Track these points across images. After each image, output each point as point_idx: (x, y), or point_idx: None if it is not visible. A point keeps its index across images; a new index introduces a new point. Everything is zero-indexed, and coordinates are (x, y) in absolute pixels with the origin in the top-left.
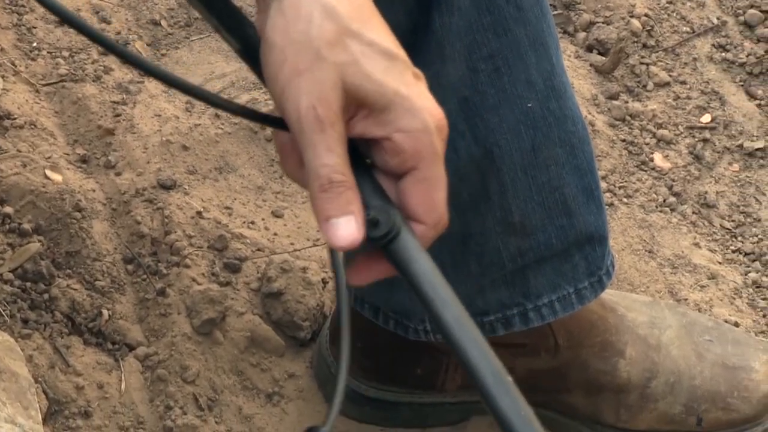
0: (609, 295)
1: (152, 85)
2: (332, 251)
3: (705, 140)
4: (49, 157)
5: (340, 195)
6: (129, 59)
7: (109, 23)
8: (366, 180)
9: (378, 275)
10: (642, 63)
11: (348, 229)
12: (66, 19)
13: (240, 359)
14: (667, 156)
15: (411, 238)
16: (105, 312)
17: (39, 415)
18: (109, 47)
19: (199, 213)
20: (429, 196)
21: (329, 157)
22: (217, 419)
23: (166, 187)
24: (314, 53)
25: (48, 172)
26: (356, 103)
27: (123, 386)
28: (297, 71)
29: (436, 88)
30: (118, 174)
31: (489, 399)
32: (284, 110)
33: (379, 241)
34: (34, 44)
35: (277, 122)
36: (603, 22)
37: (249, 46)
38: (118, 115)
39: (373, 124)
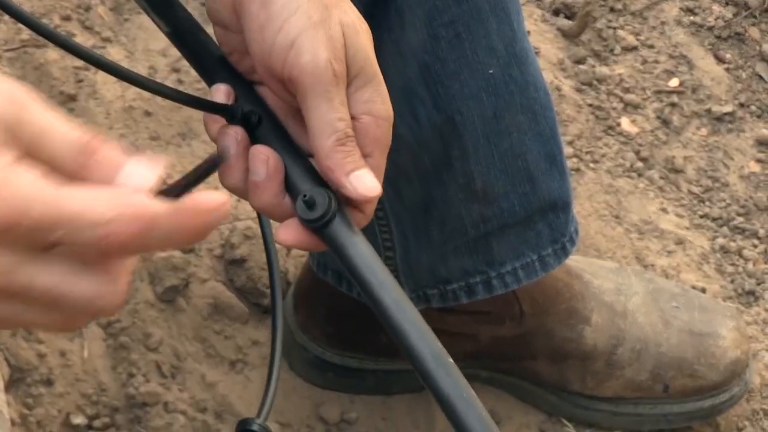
0: (575, 261)
1: (115, 50)
2: (260, 215)
3: (673, 105)
4: None
5: (355, 148)
6: (71, 49)
7: None
8: (299, 162)
9: (307, 245)
10: (609, 27)
11: (373, 180)
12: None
13: (203, 326)
14: (634, 121)
15: (347, 222)
16: None
17: (1, 382)
18: (48, 36)
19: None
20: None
21: (345, 112)
22: (181, 387)
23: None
24: (324, 6)
25: None
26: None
27: (86, 354)
28: (312, 23)
29: (396, 55)
30: None
31: (430, 382)
32: (294, 63)
33: (314, 223)
34: None
35: (227, 111)
36: None
37: (178, 28)
38: (80, 81)
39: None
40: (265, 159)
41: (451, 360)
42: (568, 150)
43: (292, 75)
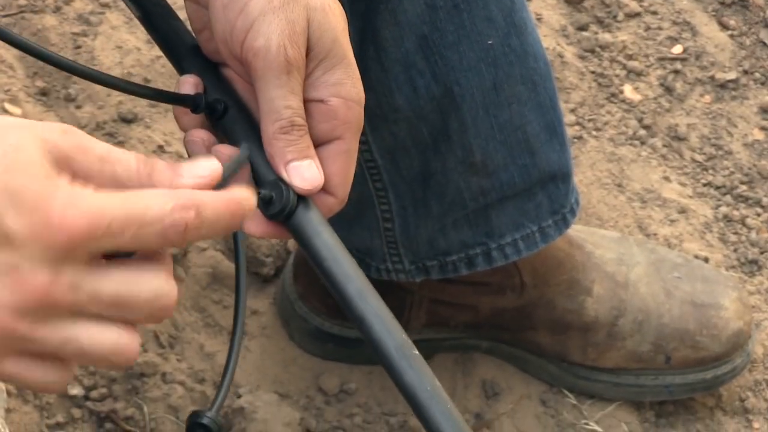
0: (576, 231)
1: (114, 16)
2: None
3: (676, 72)
4: (8, 90)
5: (301, 138)
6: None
7: None
8: (260, 154)
9: (274, 235)
10: None
11: (312, 172)
12: None
13: (202, 296)
14: (637, 88)
15: (310, 212)
16: None
17: None
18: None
19: (160, 147)
20: (346, 169)
21: (294, 100)
22: (179, 357)
23: (127, 120)
24: None
25: (7, 105)
26: (309, 55)
27: None
28: (272, 7)
29: (393, 25)
30: (78, 107)
31: (393, 373)
32: (249, 46)
33: (275, 218)
34: None
35: (191, 101)
36: None
37: (150, 12)
38: (78, 47)
39: (313, 83)
40: (226, 158)
41: (415, 352)
42: (570, 118)
43: (247, 58)
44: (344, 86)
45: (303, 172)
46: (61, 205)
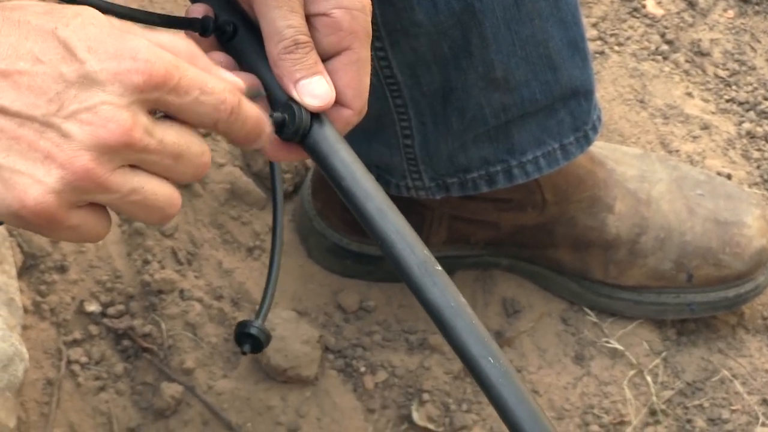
0: (598, 147)
1: None
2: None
3: None
4: None
5: (307, 55)
6: None
7: None
8: (272, 76)
9: (294, 157)
10: None
11: (323, 88)
12: None
13: (220, 212)
14: (659, 2)
15: (326, 130)
16: None
17: (13, 269)
18: None
19: None
20: (359, 79)
21: (294, 18)
22: (197, 273)
23: None
24: None
25: None
26: None
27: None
28: None
29: None
30: None
31: (416, 291)
32: None
33: (291, 140)
34: None
35: (199, 25)
36: None
37: None
38: None
39: None
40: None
41: (438, 268)
42: (592, 32)
43: None
44: None
45: (313, 89)
46: (145, 50)
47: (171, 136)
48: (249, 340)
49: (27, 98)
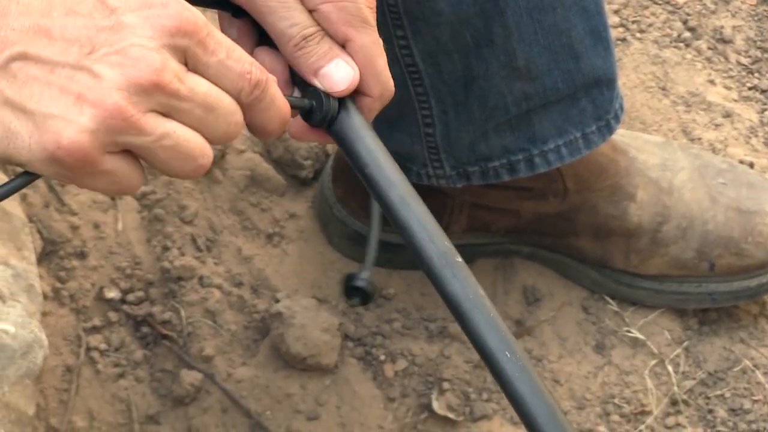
0: (620, 135)
1: None
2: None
3: None
4: None
5: (318, 44)
6: None
7: None
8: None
9: (318, 139)
10: None
11: (342, 71)
12: None
13: (240, 198)
14: None
15: (352, 117)
16: None
17: (33, 255)
18: None
19: None
20: (368, 66)
21: (294, 16)
22: (216, 260)
23: None
24: None
25: None
26: None
27: (120, 226)
28: None
29: None
30: None
31: (436, 281)
32: None
33: (318, 126)
34: None
35: (227, 4)
36: None
37: None
38: None
39: None
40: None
41: (459, 259)
42: (614, 19)
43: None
44: None
45: (333, 75)
46: (175, 2)
47: (202, 87)
48: (358, 293)
49: (60, 46)
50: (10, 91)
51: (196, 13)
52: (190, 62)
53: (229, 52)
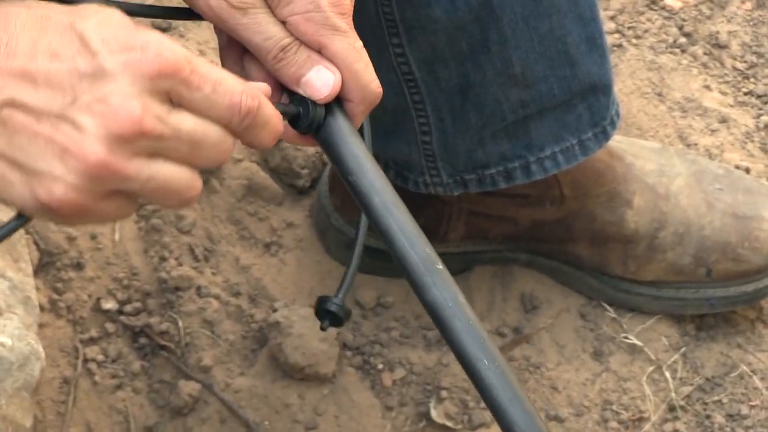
0: (617, 141)
1: None
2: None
3: None
4: None
5: (296, 54)
6: None
7: None
8: None
9: (306, 143)
10: None
11: (324, 77)
12: None
13: (237, 208)
14: None
15: (338, 124)
16: None
17: (29, 267)
18: None
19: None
20: (345, 71)
21: (267, 29)
22: (214, 270)
23: (162, 29)
24: None
25: None
26: None
27: (116, 237)
28: None
29: None
30: None
31: (416, 288)
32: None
33: (306, 132)
34: None
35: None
36: None
37: None
38: None
39: (274, 5)
40: (249, 73)
41: (440, 266)
42: (610, 25)
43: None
44: (295, 4)
45: (315, 82)
46: (156, 43)
47: (187, 123)
48: (328, 316)
49: (44, 93)
50: (1, 141)
51: (177, 51)
52: (175, 100)
53: (215, 85)
